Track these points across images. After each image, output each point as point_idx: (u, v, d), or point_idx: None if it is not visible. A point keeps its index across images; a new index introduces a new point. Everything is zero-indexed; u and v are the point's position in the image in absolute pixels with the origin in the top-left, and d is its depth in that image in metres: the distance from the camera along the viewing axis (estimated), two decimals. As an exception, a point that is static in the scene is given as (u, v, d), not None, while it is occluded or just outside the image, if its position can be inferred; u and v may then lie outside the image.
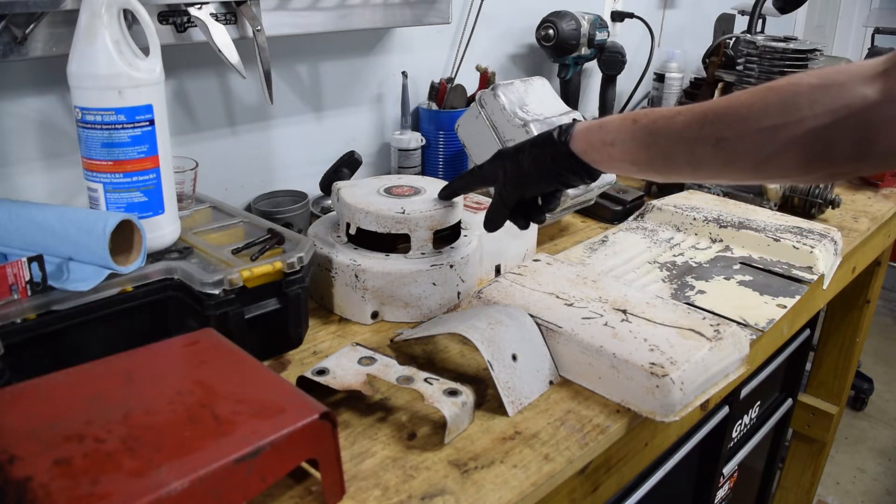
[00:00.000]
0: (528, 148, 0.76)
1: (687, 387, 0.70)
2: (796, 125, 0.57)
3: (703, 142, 0.62)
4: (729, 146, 0.61)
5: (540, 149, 0.74)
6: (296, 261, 0.76)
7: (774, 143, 0.58)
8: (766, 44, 1.25)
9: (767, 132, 0.58)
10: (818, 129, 0.56)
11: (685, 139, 0.63)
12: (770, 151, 0.59)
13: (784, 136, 0.58)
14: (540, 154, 0.74)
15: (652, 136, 0.66)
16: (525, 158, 0.75)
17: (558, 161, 0.72)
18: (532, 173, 0.75)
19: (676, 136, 0.64)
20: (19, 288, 0.64)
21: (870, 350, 2.85)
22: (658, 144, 0.66)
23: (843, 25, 3.46)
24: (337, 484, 0.58)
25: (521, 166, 0.75)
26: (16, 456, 0.48)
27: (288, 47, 1.13)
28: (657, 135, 0.65)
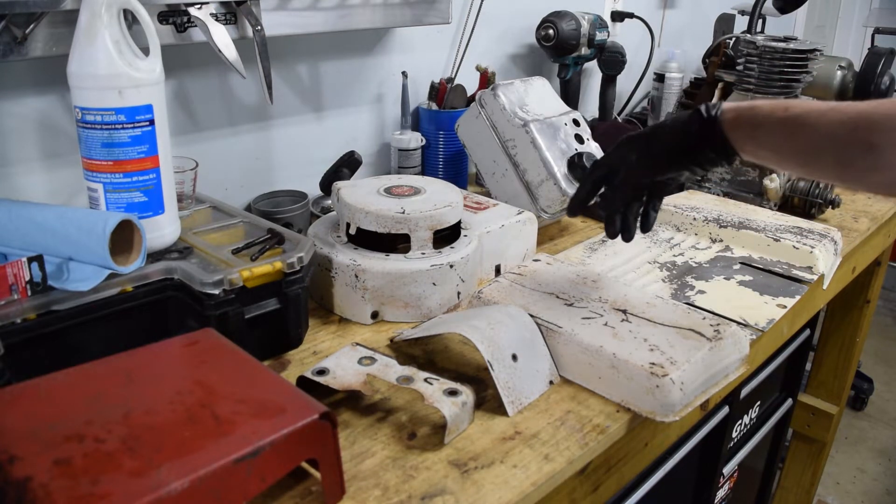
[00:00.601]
0: (667, 125, 0.73)
1: (687, 387, 0.70)
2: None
3: (854, 144, 0.60)
4: (880, 153, 0.59)
5: (684, 123, 0.72)
6: (296, 261, 0.76)
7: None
8: (766, 44, 1.25)
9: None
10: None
11: (836, 137, 0.62)
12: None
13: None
14: (684, 128, 0.71)
15: (803, 128, 0.64)
16: (665, 134, 0.72)
17: (704, 135, 0.70)
18: (674, 148, 0.72)
19: (827, 131, 0.62)
20: (19, 288, 0.64)
21: (870, 350, 2.85)
22: (808, 138, 0.64)
23: (843, 25, 3.46)
24: (337, 484, 0.58)
25: (661, 141, 0.72)
26: (16, 456, 0.48)
27: (288, 47, 1.13)
28: (809, 126, 0.63)
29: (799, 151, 0.65)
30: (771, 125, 0.66)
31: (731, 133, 0.69)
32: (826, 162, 0.64)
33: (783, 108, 0.65)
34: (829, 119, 0.62)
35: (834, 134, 0.62)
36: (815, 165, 0.65)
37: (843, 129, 0.61)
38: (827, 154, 0.63)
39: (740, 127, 0.68)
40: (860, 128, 0.60)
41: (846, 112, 0.62)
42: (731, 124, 0.69)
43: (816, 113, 0.63)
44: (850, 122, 0.61)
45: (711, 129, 0.69)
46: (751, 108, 0.68)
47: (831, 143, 0.62)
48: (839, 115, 0.62)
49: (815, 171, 0.67)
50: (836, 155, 0.62)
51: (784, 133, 0.65)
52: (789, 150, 0.66)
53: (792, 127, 0.65)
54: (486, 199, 1.06)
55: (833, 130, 0.62)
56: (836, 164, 0.63)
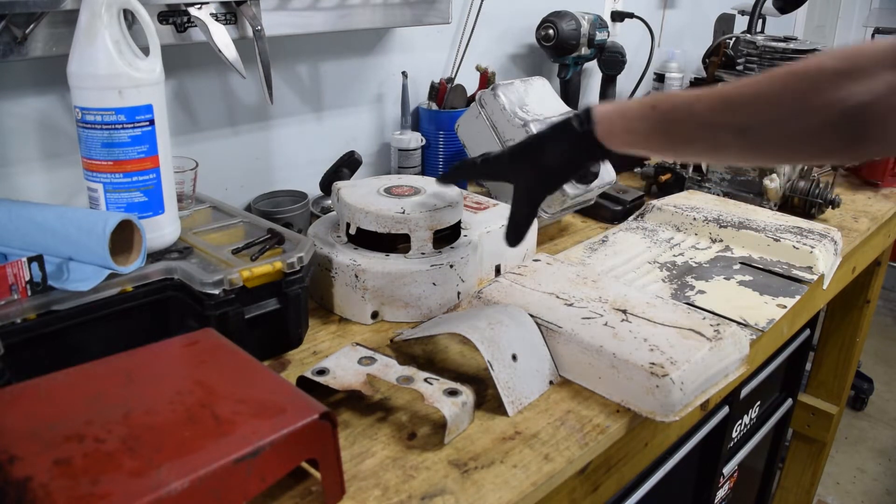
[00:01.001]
0: (546, 142, 0.75)
1: (687, 387, 0.70)
2: (822, 112, 0.57)
3: (725, 129, 0.62)
4: (753, 134, 0.61)
5: (562, 141, 0.73)
6: (296, 261, 0.76)
7: (798, 130, 0.58)
8: (766, 44, 1.25)
9: (792, 120, 0.58)
10: (842, 117, 0.56)
11: (707, 126, 0.63)
12: (795, 138, 0.59)
13: (808, 122, 0.58)
14: (563, 146, 0.73)
15: (673, 124, 0.66)
16: (548, 154, 0.74)
17: (583, 151, 0.72)
18: (558, 168, 0.74)
19: (697, 122, 0.64)
20: (19, 288, 0.64)
21: (870, 350, 2.85)
22: (679, 131, 0.66)
23: (843, 25, 3.45)
24: (337, 484, 0.58)
25: (546, 163, 0.74)
26: (16, 456, 0.48)
27: (288, 47, 1.13)
28: (678, 122, 0.65)
29: (673, 144, 0.67)
30: (643, 128, 0.68)
31: (607, 140, 0.71)
32: (700, 148, 0.66)
33: (651, 107, 0.67)
34: (696, 109, 0.64)
35: (704, 122, 0.63)
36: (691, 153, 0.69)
37: (712, 117, 0.63)
38: (700, 142, 0.65)
39: (614, 135, 0.70)
40: (729, 111, 0.62)
41: (713, 97, 0.63)
42: (607, 132, 0.71)
43: (684, 106, 0.65)
44: (718, 108, 0.62)
45: (588, 143, 0.72)
46: (621, 114, 0.70)
47: (704, 131, 0.64)
48: (706, 103, 0.63)
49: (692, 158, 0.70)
50: (709, 141, 0.64)
51: (656, 132, 0.67)
52: (663, 146, 0.68)
53: (663, 125, 0.66)
54: (486, 199, 1.06)
55: (702, 119, 0.64)
56: (710, 148, 0.66)
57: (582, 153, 0.73)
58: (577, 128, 0.72)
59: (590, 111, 0.71)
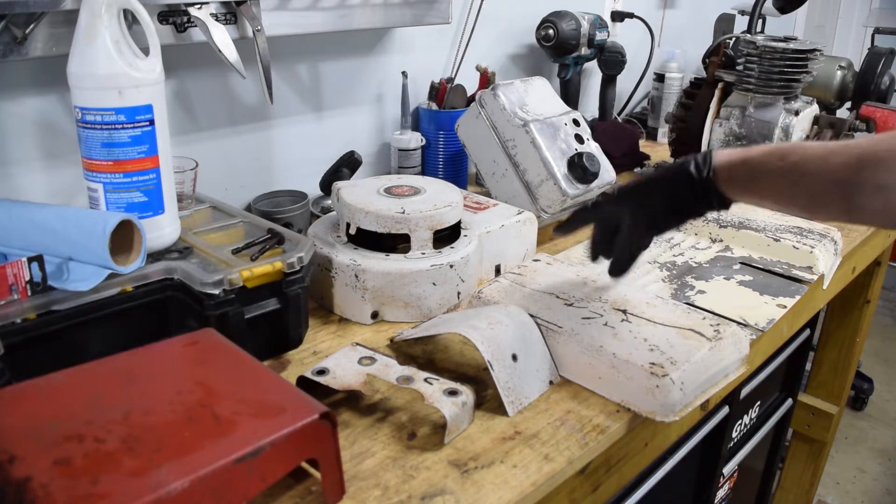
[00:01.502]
0: (660, 185, 0.72)
1: (687, 387, 0.70)
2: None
3: (861, 187, 0.59)
4: (891, 192, 0.58)
5: (676, 185, 0.71)
6: (296, 261, 0.76)
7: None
8: (766, 44, 1.25)
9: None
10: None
11: (840, 182, 0.60)
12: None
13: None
14: (677, 191, 0.71)
15: (804, 177, 0.63)
16: (658, 198, 0.72)
17: (699, 197, 0.69)
18: (669, 212, 0.72)
19: (830, 178, 0.61)
20: (19, 288, 0.64)
21: (870, 350, 2.84)
22: (809, 185, 0.63)
23: (843, 25, 3.46)
24: (337, 484, 0.58)
25: (655, 206, 0.72)
26: (16, 456, 0.48)
27: (288, 47, 1.13)
28: (809, 175, 0.62)
29: (802, 198, 0.64)
30: (769, 177, 0.65)
31: (726, 188, 0.68)
32: (832, 206, 0.63)
33: (779, 157, 0.64)
34: (830, 164, 0.61)
35: (838, 179, 0.61)
36: (821, 210, 0.65)
37: (847, 173, 0.60)
38: (833, 199, 0.62)
39: (735, 182, 0.68)
40: (865, 169, 0.59)
41: (848, 154, 0.60)
42: (726, 181, 0.68)
43: (816, 158, 0.62)
44: (853, 165, 0.60)
45: (705, 189, 0.69)
46: (744, 161, 0.67)
47: (837, 188, 0.61)
48: (841, 159, 0.61)
49: (820, 215, 0.66)
50: (843, 199, 0.61)
51: (783, 183, 0.64)
52: (791, 199, 0.65)
53: (792, 177, 0.63)
54: (486, 199, 1.06)
55: (836, 175, 0.61)
56: (843, 208, 0.62)
57: (696, 199, 0.70)
58: (693, 174, 0.69)
59: (709, 156, 0.68)
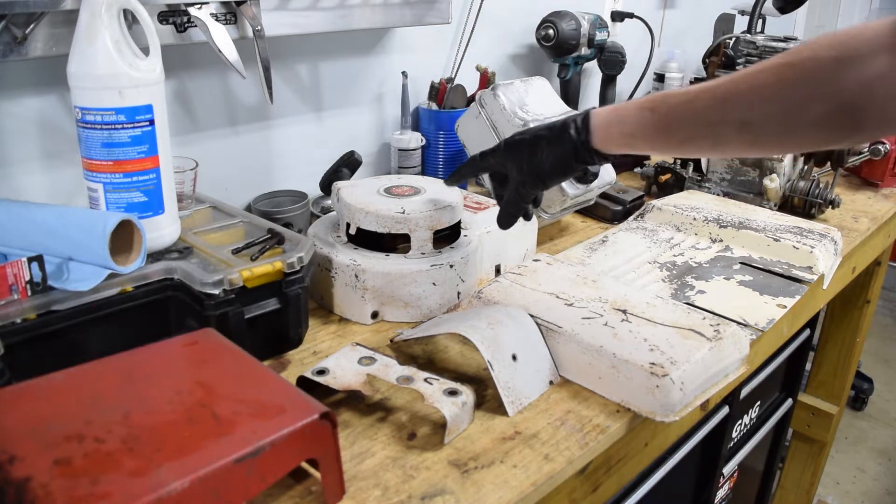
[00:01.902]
0: (543, 144, 0.75)
1: (687, 387, 0.70)
2: (819, 103, 0.57)
3: (726, 125, 0.62)
4: (754, 128, 0.61)
5: (557, 145, 0.74)
6: (296, 261, 0.76)
7: (799, 122, 0.59)
8: (766, 44, 1.25)
9: (792, 112, 0.58)
10: (841, 105, 0.56)
11: (707, 123, 0.64)
12: (796, 129, 0.59)
13: (808, 114, 0.58)
14: (558, 150, 0.74)
15: (673, 124, 0.66)
16: (542, 155, 0.75)
17: (578, 156, 0.73)
18: (551, 170, 0.75)
19: (698, 120, 0.64)
20: (19, 288, 0.64)
21: (870, 350, 2.84)
22: (680, 131, 0.66)
23: (843, 25, 3.45)
24: (337, 484, 0.58)
25: (540, 163, 0.75)
26: (16, 456, 0.48)
27: (288, 47, 1.13)
28: (678, 122, 0.66)
29: (675, 143, 0.68)
30: (642, 132, 0.68)
31: (604, 146, 0.71)
32: (702, 145, 0.66)
33: (649, 109, 0.67)
34: (696, 108, 0.64)
35: (705, 121, 0.64)
36: (693, 150, 0.68)
37: (712, 114, 0.63)
38: (702, 139, 0.65)
39: (611, 141, 0.71)
40: (729, 106, 0.62)
41: (712, 94, 0.63)
42: (602, 141, 0.71)
43: (682, 106, 0.65)
44: (717, 105, 0.63)
45: (583, 150, 0.72)
46: (619, 119, 0.70)
47: (705, 128, 0.64)
48: (706, 101, 0.63)
49: (694, 154, 0.70)
50: (711, 138, 0.64)
51: (656, 134, 0.67)
52: (664, 146, 0.69)
53: (663, 127, 0.67)
54: (486, 199, 1.06)
55: (703, 116, 0.64)
56: (712, 145, 0.66)
57: (577, 159, 0.73)
58: (573, 136, 0.72)
59: (588, 119, 0.72)
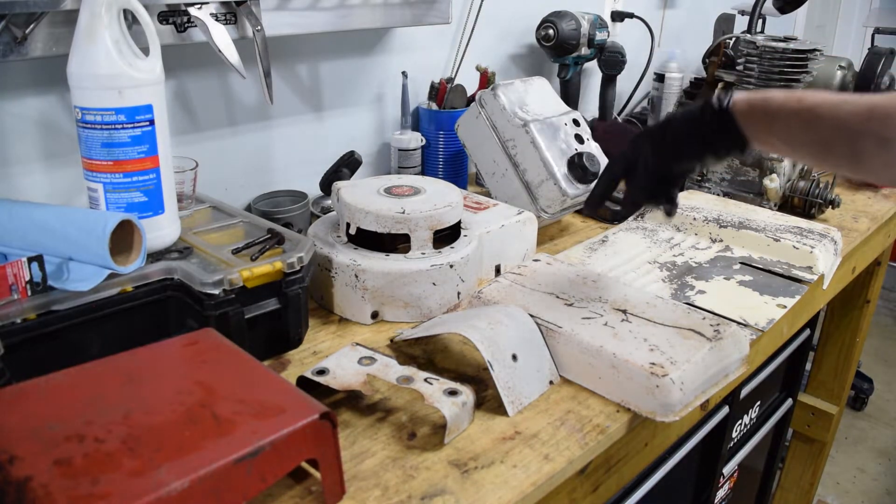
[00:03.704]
0: (679, 116, 0.73)
1: (687, 387, 0.70)
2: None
3: (867, 136, 0.61)
4: (893, 147, 0.59)
5: (696, 115, 0.72)
6: (296, 261, 0.76)
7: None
8: (766, 44, 1.25)
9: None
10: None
11: (850, 130, 0.62)
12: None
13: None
14: (697, 120, 0.72)
15: (817, 119, 0.64)
16: (679, 126, 0.73)
17: (716, 126, 0.70)
18: (688, 139, 0.72)
19: (842, 125, 0.62)
20: (19, 288, 0.64)
21: (870, 350, 2.85)
22: (822, 129, 0.64)
23: (843, 25, 3.45)
24: (337, 484, 0.58)
25: (674, 133, 0.73)
26: (16, 456, 0.48)
27: (288, 47, 1.13)
28: (823, 119, 0.63)
29: (812, 142, 0.65)
30: (784, 116, 0.66)
31: (744, 123, 0.69)
32: (839, 154, 0.64)
33: (797, 99, 0.65)
34: (842, 111, 0.62)
35: (847, 126, 0.62)
36: (828, 157, 0.66)
37: (856, 121, 0.61)
38: (840, 146, 0.63)
39: (753, 117, 0.68)
40: (874, 120, 0.60)
41: (859, 104, 0.61)
42: (744, 115, 0.69)
43: (829, 104, 0.63)
44: (863, 114, 0.61)
45: (723, 120, 0.70)
46: (764, 98, 0.68)
47: (845, 134, 0.62)
48: (852, 107, 0.62)
49: (828, 162, 0.67)
50: (849, 147, 0.62)
51: (797, 124, 0.65)
52: (802, 141, 0.66)
53: (805, 118, 0.64)
54: (486, 199, 1.06)
55: (846, 122, 0.62)
56: (849, 156, 0.63)
57: (717, 132, 0.70)
58: (714, 104, 0.70)
59: (731, 92, 0.70)
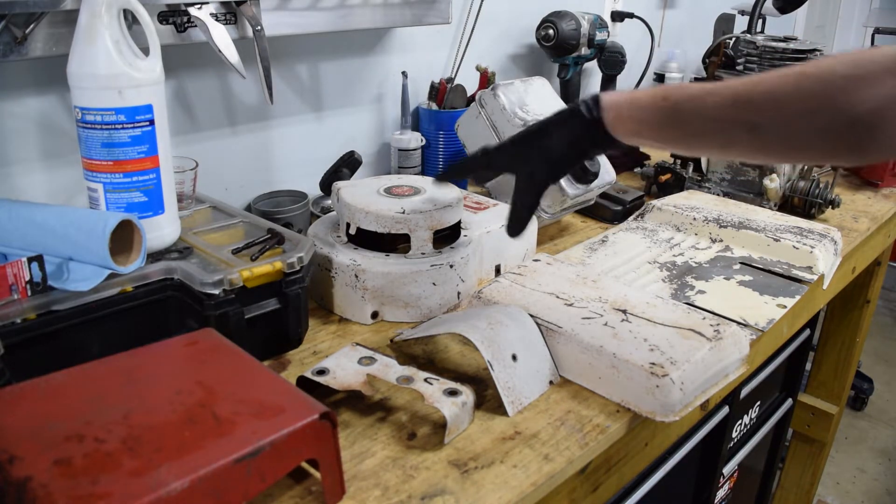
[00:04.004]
0: (552, 128, 0.73)
1: (687, 387, 0.70)
2: (830, 115, 0.57)
3: (736, 126, 0.62)
4: (763, 133, 0.61)
5: (568, 126, 0.72)
6: (296, 261, 0.76)
7: (808, 131, 0.59)
8: (766, 44, 1.25)
9: (802, 121, 0.59)
10: (852, 121, 0.57)
11: (717, 121, 0.63)
12: (804, 138, 0.60)
13: (818, 124, 0.58)
14: (569, 131, 0.72)
15: (683, 115, 0.65)
16: (553, 139, 0.73)
17: (590, 137, 0.71)
18: (563, 154, 0.73)
19: (709, 118, 0.64)
20: (19, 288, 0.64)
21: (870, 350, 2.85)
22: (689, 124, 0.65)
23: (843, 25, 3.46)
24: (337, 484, 0.58)
25: (551, 149, 0.73)
26: (16, 456, 0.48)
27: (288, 47, 1.13)
28: (689, 114, 0.65)
29: (683, 137, 0.67)
30: (653, 119, 0.67)
31: (614, 129, 0.69)
32: (710, 144, 0.66)
33: (662, 98, 0.66)
34: (707, 104, 0.63)
35: (715, 118, 0.63)
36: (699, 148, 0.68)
37: (723, 113, 0.62)
38: (710, 138, 0.65)
39: (622, 124, 0.69)
40: (741, 108, 0.61)
41: (725, 94, 0.62)
42: (614, 123, 0.69)
43: (695, 100, 0.64)
44: (729, 105, 0.62)
45: (595, 130, 0.70)
46: (630, 102, 0.68)
47: (715, 126, 0.64)
48: (717, 99, 0.63)
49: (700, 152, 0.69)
50: (720, 137, 0.64)
51: (667, 124, 0.66)
52: (673, 138, 0.68)
53: (674, 116, 0.66)
54: (486, 199, 1.06)
55: (714, 115, 0.63)
56: (720, 145, 0.65)
57: (588, 139, 0.71)
58: (584, 114, 0.70)
59: (598, 98, 0.70)
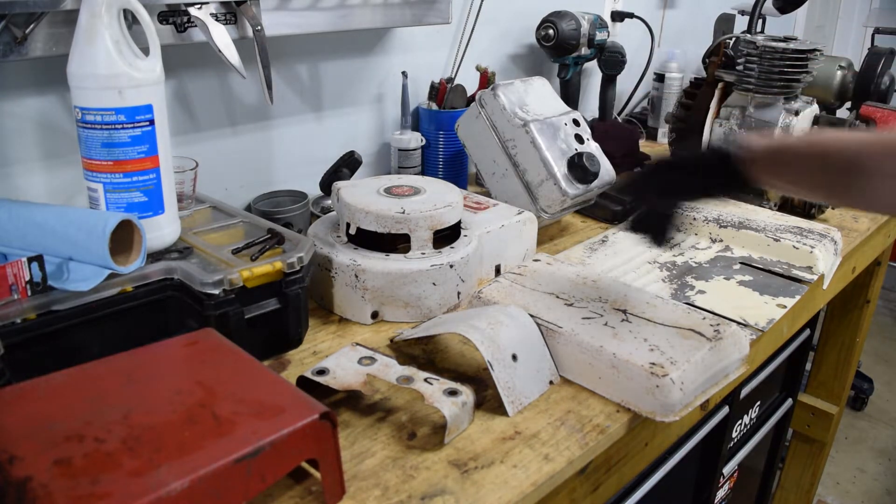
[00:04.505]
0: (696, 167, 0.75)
1: (687, 387, 0.70)
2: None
3: (874, 170, 0.61)
4: None
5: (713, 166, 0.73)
6: (296, 261, 0.76)
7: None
8: (766, 44, 1.25)
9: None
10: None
11: (856, 164, 0.62)
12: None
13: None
14: (714, 175, 0.73)
15: (825, 158, 0.64)
16: (693, 178, 0.75)
17: (731, 178, 0.72)
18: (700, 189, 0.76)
19: (848, 159, 0.62)
20: (19, 288, 0.64)
21: (870, 350, 2.85)
22: (828, 168, 0.64)
23: (843, 25, 3.46)
24: (337, 484, 0.58)
25: (688, 184, 0.75)
26: (16, 456, 0.48)
27: (288, 47, 1.13)
28: (829, 156, 0.64)
29: (822, 183, 0.66)
30: (797, 160, 0.66)
31: (752, 169, 0.69)
32: (849, 189, 0.64)
33: (807, 143, 0.66)
34: (850, 145, 0.62)
35: (855, 161, 0.62)
36: (838, 193, 0.67)
37: (863, 157, 0.62)
38: (848, 181, 0.63)
39: (764, 164, 0.69)
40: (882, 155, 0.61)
41: (865, 139, 0.62)
42: (757, 162, 0.69)
43: (837, 141, 0.64)
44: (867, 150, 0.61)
45: (732, 169, 0.70)
46: (780, 148, 0.68)
47: (853, 168, 0.62)
48: (858, 144, 0.62)
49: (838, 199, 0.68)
50: (857, 181, 0.63)
51: (807, 166, 0.66)
52: (813, 184, 0.67)
53: (815, 159, 0.65)
54: (486, 199, 1.06)
55: (855, 158, 0.62)
56: (858, 191, 0.63)
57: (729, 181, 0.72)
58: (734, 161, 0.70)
59: (741, 137, 0.72)
